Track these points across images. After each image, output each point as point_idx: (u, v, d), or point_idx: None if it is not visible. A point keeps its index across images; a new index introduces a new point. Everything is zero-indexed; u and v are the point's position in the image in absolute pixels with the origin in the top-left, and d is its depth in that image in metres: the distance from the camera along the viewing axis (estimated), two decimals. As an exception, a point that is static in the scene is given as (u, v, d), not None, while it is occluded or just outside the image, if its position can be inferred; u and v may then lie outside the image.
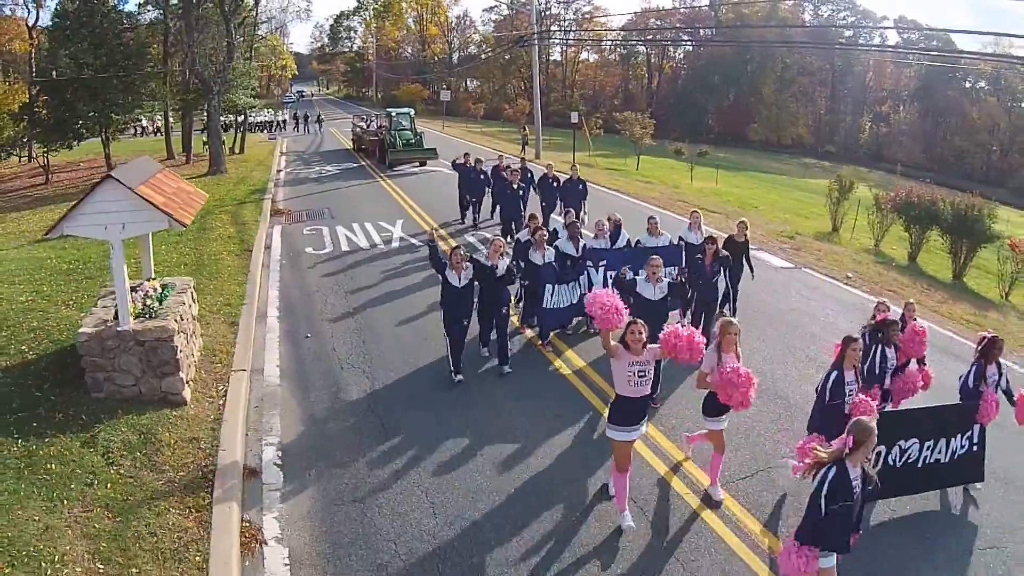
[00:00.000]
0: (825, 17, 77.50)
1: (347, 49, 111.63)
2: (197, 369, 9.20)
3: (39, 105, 27.52)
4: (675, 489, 7.25)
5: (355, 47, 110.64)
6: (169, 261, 13.99)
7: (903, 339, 8.34)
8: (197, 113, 34.33)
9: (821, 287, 14.87)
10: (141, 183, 7.78)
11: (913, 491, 7.18)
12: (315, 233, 18.01)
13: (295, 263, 15.25)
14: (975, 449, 7.42)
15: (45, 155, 28.79)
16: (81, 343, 7.84)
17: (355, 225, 18.68)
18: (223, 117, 35.23)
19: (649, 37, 74.72)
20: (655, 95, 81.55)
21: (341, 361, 10.13)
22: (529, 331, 11.12)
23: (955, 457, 7.27)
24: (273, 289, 13.42)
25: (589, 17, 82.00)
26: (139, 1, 35.63)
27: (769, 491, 7.27)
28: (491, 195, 17.91)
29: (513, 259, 10.33)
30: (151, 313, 8.28)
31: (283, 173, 29.82)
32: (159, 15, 34.54)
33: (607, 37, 76.46)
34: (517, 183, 16.46)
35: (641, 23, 78.19)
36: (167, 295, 8.84)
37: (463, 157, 18.92)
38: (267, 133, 50.61)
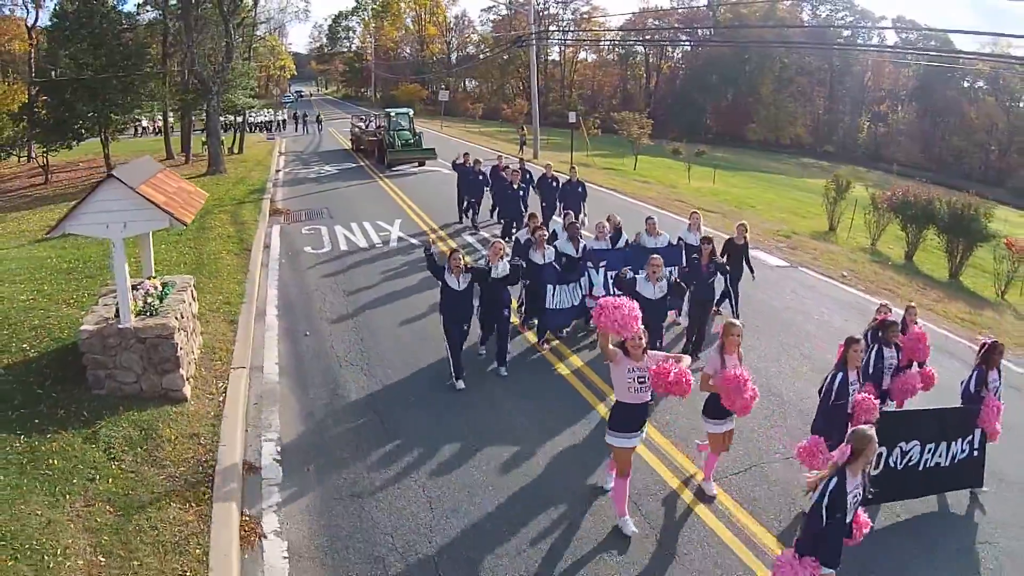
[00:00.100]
0: (823, 17, 77.52)
1: (345, 49, 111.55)
2: (197, 366, 9.28)
3: (39, 105, 27.49)
4: (668, 483, 7.34)
5: (353, 47, 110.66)
6: (169, 260, 14.05)
7: (905, 342, 8.30)
8: (197, 113, 34.36)
9: (816, 286, 14.94)
10: (142, 183, 7.87)
11: (913, 495, 7.13)
12: (314, 232, 18.08)
13: (294, 262, 15.33)
14: (975, 454, 7.40)
15: (44, 155, 28.76)
16: (83, 340, 7.93)
17: (354, 225, 18.74)
18: (223, 117, 35.29)
19: (647, 37, 74.69)
20: (653, 95, 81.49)
21: (340, 359, 10.21)
22: (530, 333, 11.09)
23: (955, 461, 7.23)
24: (272, 288, 13.50)
25: (587, 17, 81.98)
26: (138, 1, 35.68)
27: (762, 486, 7.36)
28: (490, 195, 17.90)
29: (513, 257, 10.24)
30: (152, 311, 8.37)
31: (282, 173, 29.84)
32: (158, 15, 34.59)
33: (605, 37, 76.58)
34: (517, 183, 16.43)
35: (639, 23, 78.16)
36: (168, 293, 8.91)
37: (463, 157, 18.90)
38: (266, 133, 50.52)
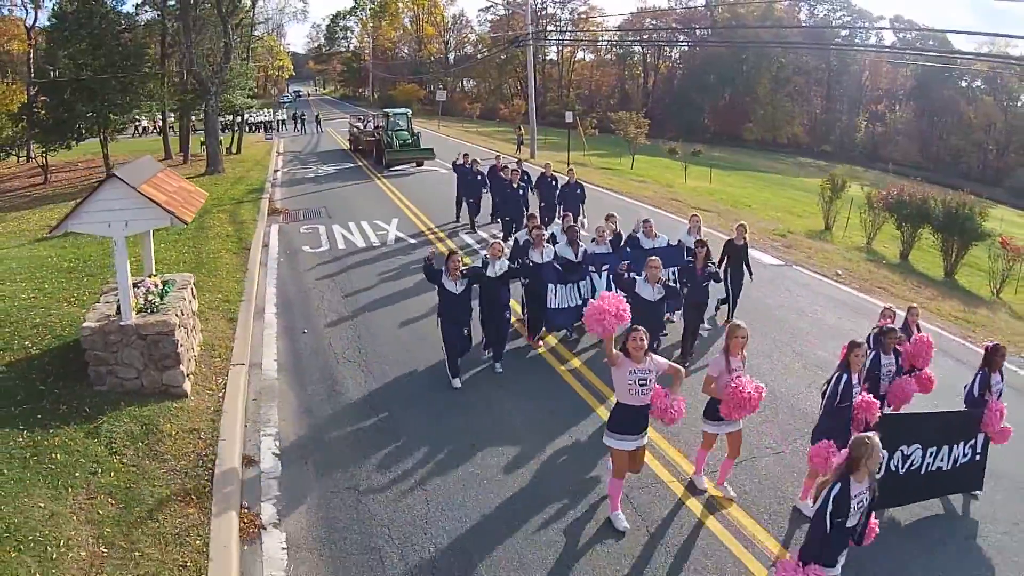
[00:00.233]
0: (821, 17, 77.69)
1: (344, 49, 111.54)
2: (197, 363, 9.40)
3: (38, 105, 27.55)
4: (659, 477, 7.45)
5: (352, 47, 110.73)
6: (168, 259, 14.14)
7: (910, 348, 8.25)
8: (196, 113, 34.45)
9: (810, 284, 15.04)
10: (143, 182, 8.00)
11: (914, 499, 7.10)
12: (312, 232, 18.19)
13: (292, 261, 15.44)
14: (977, 458, 7.34)
15: (44, 155, 28.83)
16: (84, 337, 8.04)
17: (351, 224, 18.86)
18: (222, 117, 35.36)
19: (645, 37, 74.80)
20: (651, 95, 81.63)
21: (337, 356, 10.33)
22: (541, 345, 10.77)
23: (957, 465, 7.18)
24: (271, 286, 13.62)
25: (585, 17, 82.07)
26: (137, 2, 35.73)
27: (752, 480, 7.47)
28: (490, 196, 17.89)
29: (512, 259, 10.18)
30: (152, 308, 8.48)
31: (280, 173, 29.94)
32: (156, 16, 34.66)
33: (603, 37, 76.72)
34: (516, 183, 16.42)
35: (637, 23, 78.29)
36: (168, 291, 9.02)
37: (462, 158, 18.88)
38: (264, 133, 50.59)
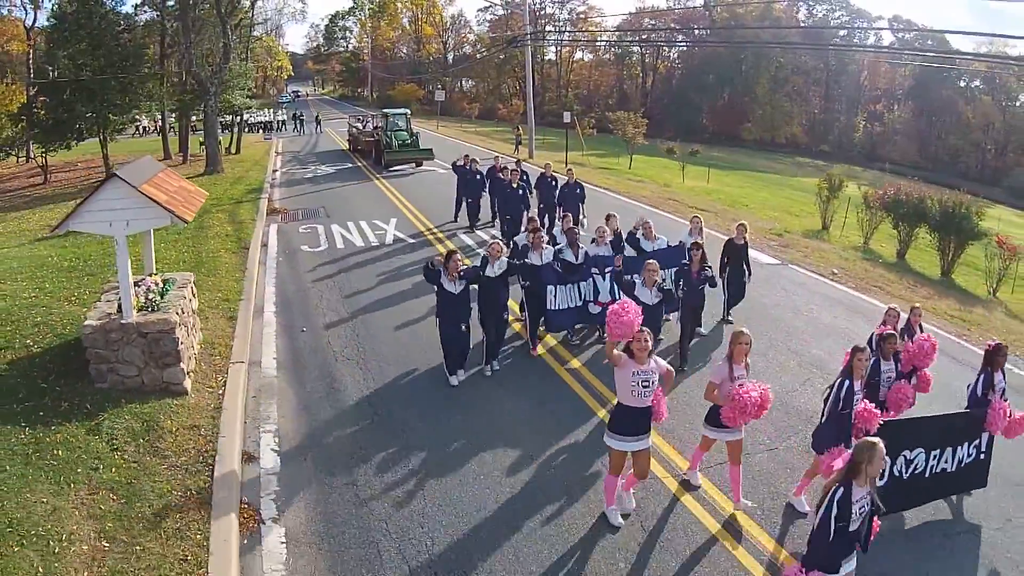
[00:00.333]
0: (819, 17, 77.79)
1: (342, 49, 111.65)
2: (197, 361, 9.48)
3: (37, 106, 27.63)
4: (654, 473, 7.48)
5: (350, 47, 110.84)
6: (168, 258, 14.20)
7: (911, 346, 8.21)
8: (195, 113, 34.52)
9: (806, 283, 15.08)
10: (145, 182, 8.09)
11: (920, 502, 7.02)
12: (311, 231, 18.28)
13: (291, 260, 15.53)
14: (982, 457, 7.30)
15: (43, 155, 28.91)
16: (86, 335, 8.12)
17: (350, 224, 18.95)
18: (222, 117, 35.43)
19: (643, 37, 74.90)
20: (649, 94, 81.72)
21: (336, 354, 10.42)
22: (540, 349, 10.68)
23: (961, 465, 7.14)
24: (270, 285, 13.71)
25: (584, 17, 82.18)
26: (136, 2, 35.82)
27: (746, 476, 7.45)
28: (489, 197, 17.86)
29: (511, 258, 10.10)
30: (153, 306, 8.57)
31: (279, 173, 30.02)
32: (155, 16, 34.75)
33: (601, 37, 76.77)
34: (516, 183, 16.37)
35: (635, 23, 78.38)
36: (169, 289, 9.12)
37: (463, 158, 18.85)
38: (263, 133, 50.65)
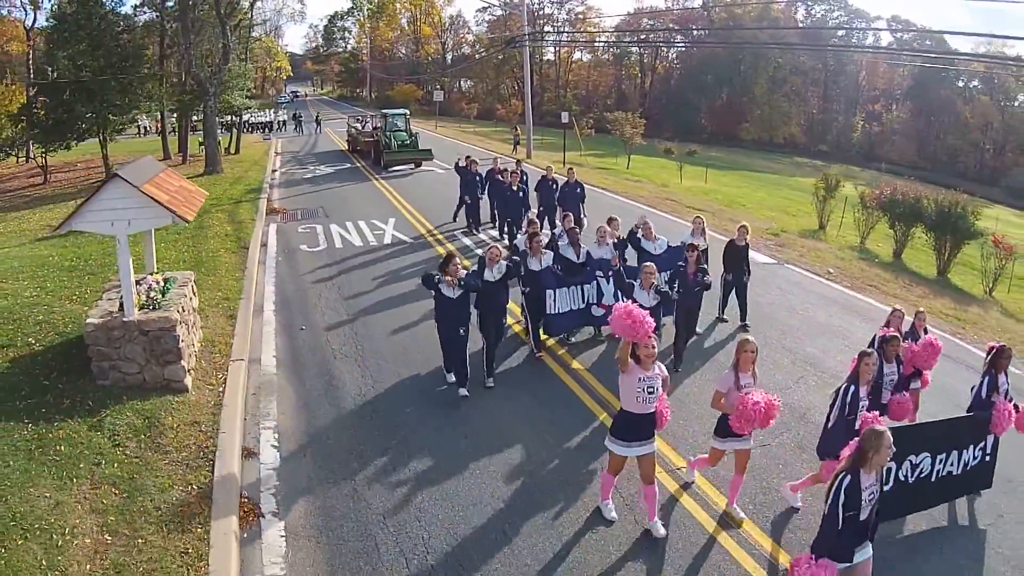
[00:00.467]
0: (818, 17, 77.92)
1: (341, 49, 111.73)
2: (198, 359, 9.58)
3: (37, 106, 27.71)
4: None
5: (349, 47, 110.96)
6: (168, 258, 14.28)
7: (916, 350, 8.24)
8: (195, 113, 34.59)
9: (802, 282, 15.18)
10: (146, 181, 8.19)
11: (926, 506, 7.01)
12: (310, 231, 18.38)
13: (290, 260, 15.64)
14: (987, 459, 7.30)
15: (43, 155, 28.98)
16: (88, 333, 8.22)
17: (349, 223, 19.06)
18: (223, 118, 35.51)
19: (642, 37, 75.01)
20: (648, 95, 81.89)
21: (335, 352, 10.53)
22: (545, 355, 10.55)
23: (967, 468, 7.13)
24: (269, 284, 13.82)
25: (582, 17, 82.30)
26: (135, 3, 35.91)
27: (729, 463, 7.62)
28: (488, 198, 17.84)
29: (512, 260, 9.92)
30: (154, 305, 8.67)
31: (278, 173, 30.10)
32: (155, 17, 34.83)
33: (599, 38, 76.84)
34: (516, 185, 16.34)
35: (634, 23, 78.48)
36: (170, 288, 9.21)
37: (464, 160, 18.76)
38: (262, 134, 50.73)
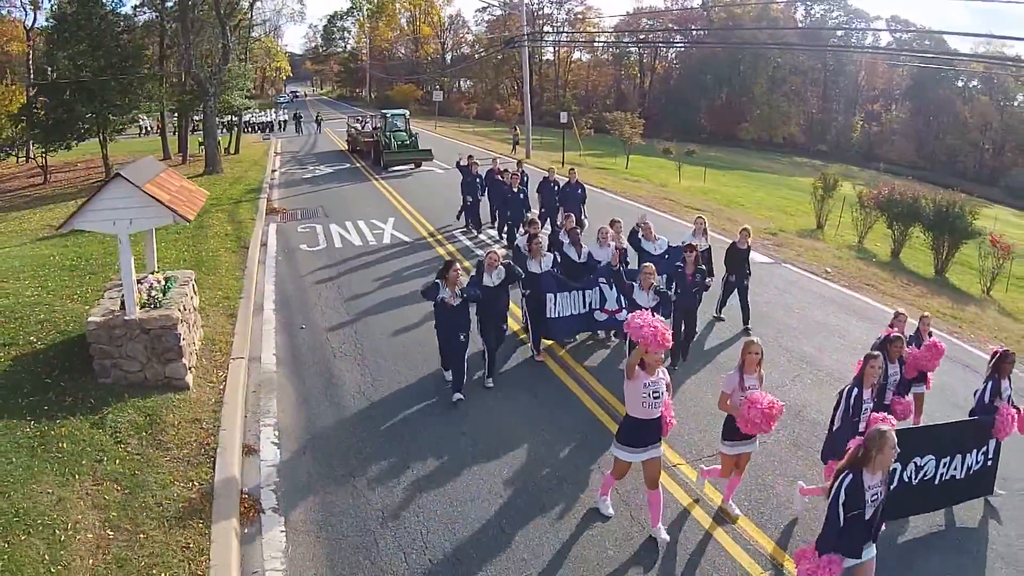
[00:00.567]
0: (817, 17, 77.99)
1: (341, 49, 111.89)
2: (198, 357, 9.66)
3: (37, 106, 27.77)
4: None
5: (348, 47, 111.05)
6: (169, 257, 14.34)
7: (919, 353, 8.25)
8: (195, 113, 34.67)
9: (799, 281, 15.24)
10: (147, 181, 8.28)
11: (929, 509, 7.03)
12: (309, 231, 18.46)
13: (290, 259, 15.72)
14: (989, 463, 7.33)
15: (43, 156, 29.04)
16: (90, 331, 8.29)
17: (348, 223, 19.14)
18: (224, 118, 35.56)
19: (641, 37, 75.07)
20: (647, 95, 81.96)
21: (334, 350, 10.62)
22: (546, 357, 10.55)
23: (970, 472, 7.15)
24: (269, 284, 13.91)
25: (581, 17, 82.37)
26: (135, 3, 35.96)
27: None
28: (488, 199, 17.81)
29: (512, 261, 9.99)
30: (155, 303, 8.74)
31: (278, 173, 30.17)
32: (155, 17, 34.90)
33: (598, 38, 76.92)
34: (517, 186, 16.28)
35: (633, 23, 78.53)
36: (171, 287, 9.28)
37: (466, 160, 18.64)
38: (261, 134, 50.79)
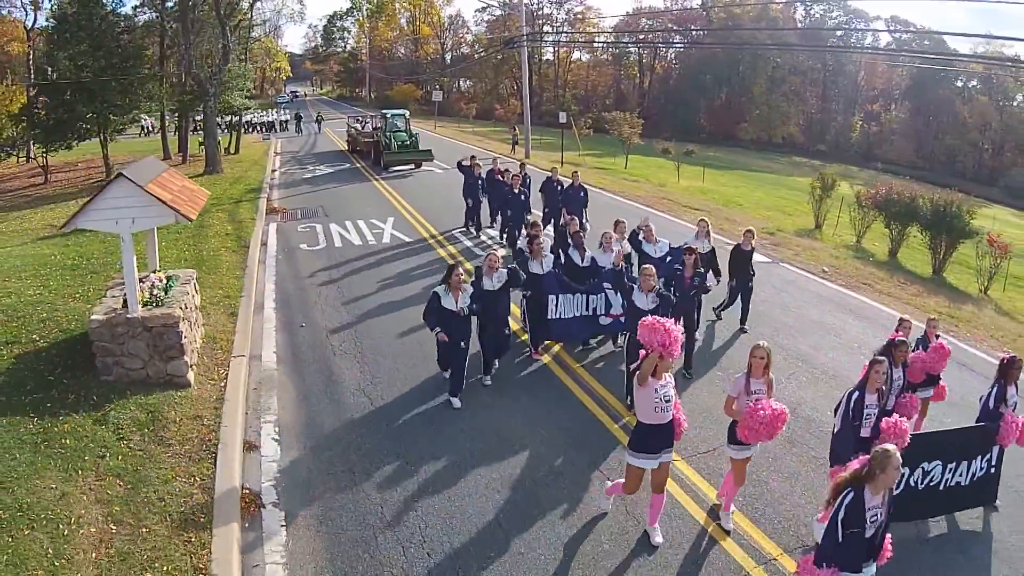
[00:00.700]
0: (817, 18, 78.07)
1: (340, 49, 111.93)
2: (200, 355, 9.75)
3: (38, 106, 27.85)
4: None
5: (348, 48, 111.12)
6: (170, 257, 14.38)
7: (925, 356, 8.25)
8: (195, 113, 34.75)
9: (796, 280, 15.33)
10: (150, 181, 8.38)
11: (933, 514, 7.05)
12: (309, 230, 18.55)
13: (290, 258, 15.81)
14: (992, 471, 7.31)
15: (44, 155, 29.13)
16: (92, 329, 8.38)
17: (348, 223, 19.23)
18: (226, 117, 35.63)
19: (640, 37, 75.16)
20: (647, 95, 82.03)
21: (334, 348, 10.71)
22: (545, 357, 10.60)
23: (974, 479, 7.16)
24: (269, 283, 14.00)
25: (581, 17, 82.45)
26: (135, 3, 36.06)
27: (727, 464, 7.80)
28: (488, 200, 17.79)
29: (513, 262, 10.02)
30: (157, 302, 8.85)
31: (278, 173, 30.25)
32: (155, 17, 34.99)
33: (598, 38, 77.02)
34: (518, 187, 16.21)
35: (633, 23, 78.60)
36: (172, 285, 9.39)
37: (468, 159, 18.56)
38: (261, 134, 50.86)
